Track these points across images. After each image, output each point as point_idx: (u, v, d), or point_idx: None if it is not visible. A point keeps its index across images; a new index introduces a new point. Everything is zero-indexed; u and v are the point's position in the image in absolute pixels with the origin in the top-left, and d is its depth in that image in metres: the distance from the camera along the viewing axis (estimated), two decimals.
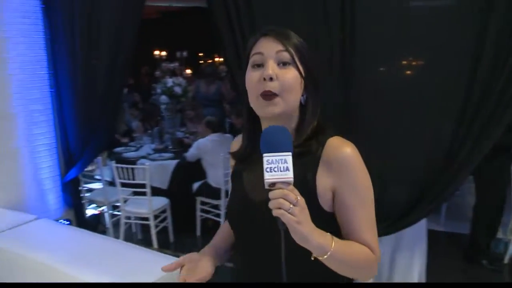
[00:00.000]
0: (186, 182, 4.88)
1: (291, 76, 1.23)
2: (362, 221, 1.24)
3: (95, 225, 4.89)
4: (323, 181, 1.15)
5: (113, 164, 4.30)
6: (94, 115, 4.06)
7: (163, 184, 4.82)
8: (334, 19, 2.61)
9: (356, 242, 1.21)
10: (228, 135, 4.92)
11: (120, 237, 4.53)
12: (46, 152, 4.15)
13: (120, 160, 4.94)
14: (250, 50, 1.29)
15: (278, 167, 1.03)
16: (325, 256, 1.10)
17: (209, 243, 1.48)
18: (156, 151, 5.02)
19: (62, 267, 2.91)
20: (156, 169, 4.78)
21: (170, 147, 5.30)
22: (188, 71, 5.34)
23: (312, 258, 1.11)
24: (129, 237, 4.78)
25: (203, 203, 4.84)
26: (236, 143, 1.46)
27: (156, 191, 4.73)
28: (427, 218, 2.94)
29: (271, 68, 1.22)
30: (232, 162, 1.51)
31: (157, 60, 5.30)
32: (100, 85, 3.97)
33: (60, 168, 4.30)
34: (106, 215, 4.82)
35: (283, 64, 1.24)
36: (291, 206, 1.02)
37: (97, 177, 4.65)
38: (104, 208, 4.83)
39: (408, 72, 2.69)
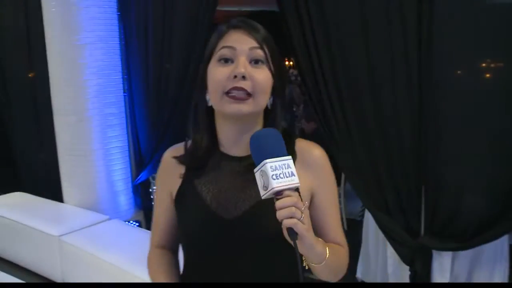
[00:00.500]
0: None
1: (264, 77, 1.14)
2: (336, 221, 1.25)
3: None
4: (302, 183, 1.02)
5: None
6: (164, 119, 4.12)
7: None
8: (411, 19, 2.49)
9: (332, 243, 1.18)
10: None
11: None
12: (119, 154, 4.27)
13: None
14: (216, 42, 1.17)
15: (283, 173, 0.95)
16: (322, 263, 1.05)
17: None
18: None
19: (129, 268, 2.95)
20: None
21: None
22: None
23: (306, 267, 1.06)
24: None
25: None
26: (176, 150, 1.30)
27: None
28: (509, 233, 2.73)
29: (243, 65, 1.11)
30: (164, 176, 1.31)
31: None
32: (171, 90, 4.01)
33: (132, 170, 4.41)
34: None
35: (255, 62, 1.14)
36: (302, 214, 0.94)
37: None
38: None
39: (488, 74, 2.56)
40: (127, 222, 4.26)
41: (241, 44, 1.13)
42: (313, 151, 1.22)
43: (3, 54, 5.24)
